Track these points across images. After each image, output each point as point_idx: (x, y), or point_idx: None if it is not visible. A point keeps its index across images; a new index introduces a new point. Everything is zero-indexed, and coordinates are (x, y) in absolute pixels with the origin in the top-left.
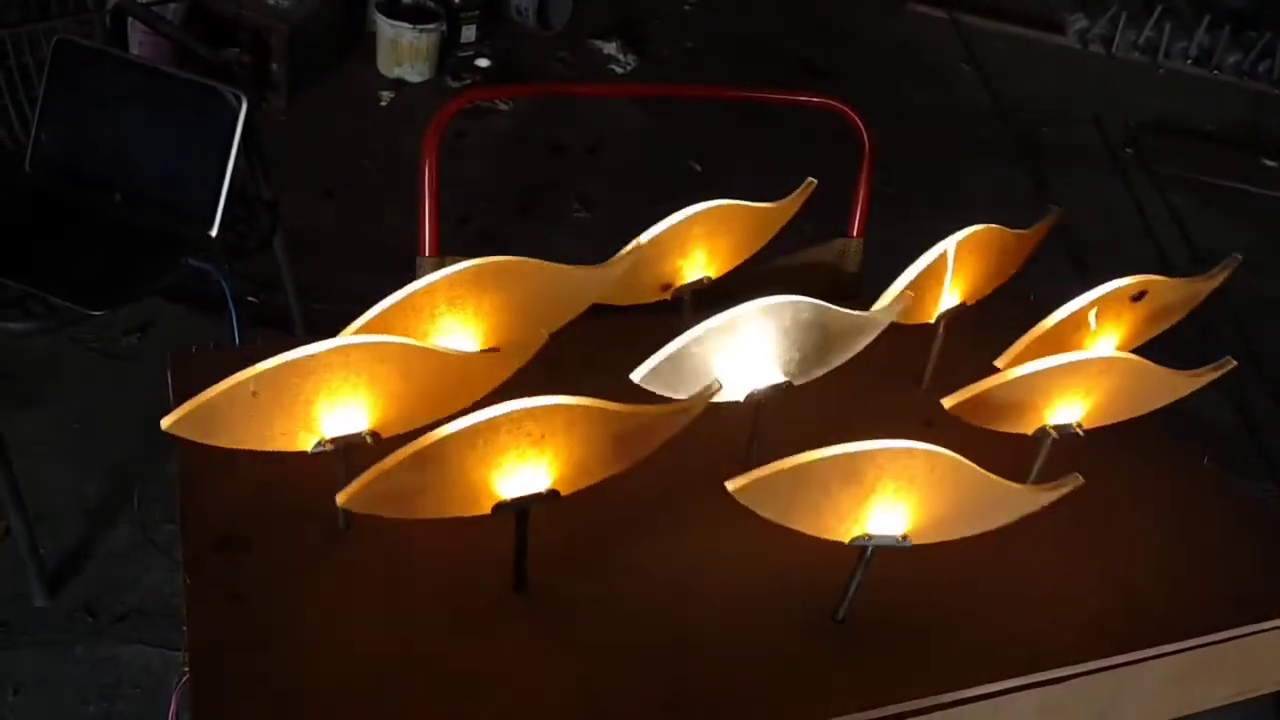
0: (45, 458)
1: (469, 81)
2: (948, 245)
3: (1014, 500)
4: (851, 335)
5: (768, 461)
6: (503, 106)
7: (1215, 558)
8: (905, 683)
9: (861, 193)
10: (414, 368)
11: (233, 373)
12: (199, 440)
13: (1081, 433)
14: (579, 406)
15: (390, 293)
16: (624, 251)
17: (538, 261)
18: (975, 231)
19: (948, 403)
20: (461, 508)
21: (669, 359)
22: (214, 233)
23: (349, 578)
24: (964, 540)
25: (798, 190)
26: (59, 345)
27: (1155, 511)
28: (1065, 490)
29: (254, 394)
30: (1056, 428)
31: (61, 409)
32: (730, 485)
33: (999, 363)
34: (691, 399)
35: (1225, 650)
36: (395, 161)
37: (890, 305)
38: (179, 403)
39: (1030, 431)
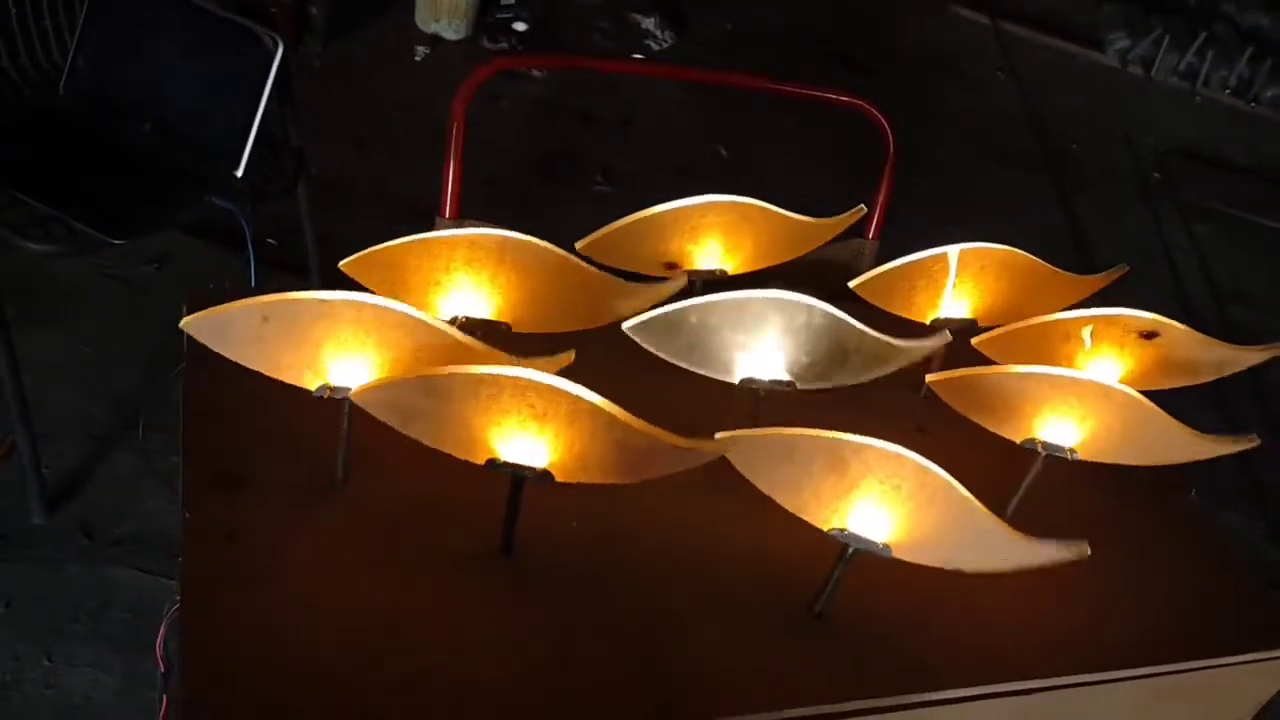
0: (55, 378)
1: (504, 44)
2: (950, 250)
3: (1007, 546)
4: (866, 356)
5: None
6: (536, 73)
7: (1188, 590)
8: (875, 680)
9: (882, 195)
10: (423, 340)
11: None
12: (210, 345)
13: (1073, 458)
14: (583, 401)
15: None
16: (620, 221)
17: (568, 256)
18: (991, 249)
19: (931, 379)
20: (456, 448)
21: (664, 317)
22: (239, 173)
23: (342, 527)
24: None
25: (846, 214)
26: (77, 268)
27: (1135, 539)
28: (1068, 557)
29: (265, 320)
30: (1045, 444)
31: (75, 331)
32: (719, 435)
33: (976, 341)
34: (706, 442)
35: (1189, 680)
36: (425, 117)
37: (925, 342)
38: (191, 342)
39: (1018, 440)
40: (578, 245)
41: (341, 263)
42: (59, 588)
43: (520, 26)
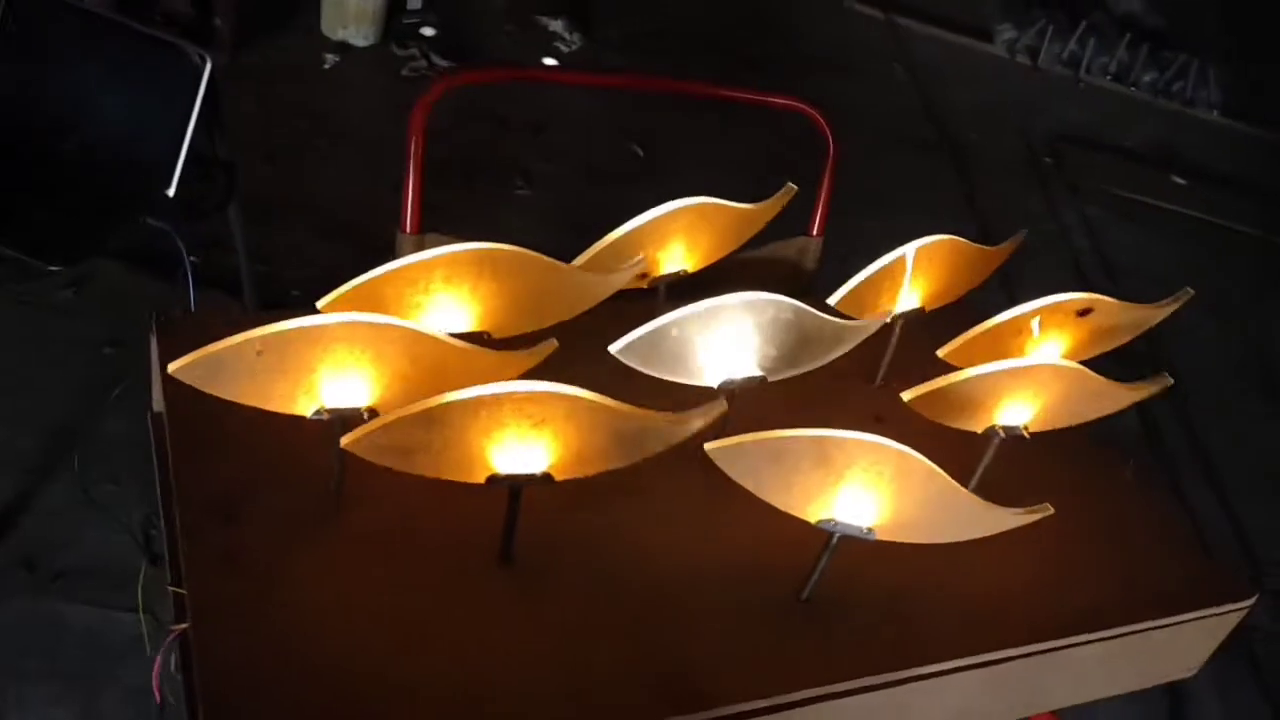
0: None
1: (413, 50)
2: (907, 250)
3: (982, 517)
4: (827, 340)
5: None
6: None
7: (1138, 556)
8: (863, 660)
9: (824, 194)
10: (419, 351)
11: (218, 336)
12: (202, 388)
13: (1027, 435)
14: (581, 399)
15: (339, 257)
16: (602, 242)
17: (538, 255)
18: (938, 241)
19: (907, 396)
20: (457, 473)
21: (647, 336)
22: (171, 192)
23: (342, 545)
24: None
25: (777, 195)
26: None
27: (1084, 514)
28: (1035, 518)
29: (259, 353)
30: (1005, 428)
31: None
32: (708, 446)
33: (941, 352)
34: (695, 413)
35: (1142, 640)
36: (339, 126)
37: (872, 317)
38: (164, 361)
39: (980, 430)
40: None
41: (319, 303)
42: (4, 626)
43: (428, 31)
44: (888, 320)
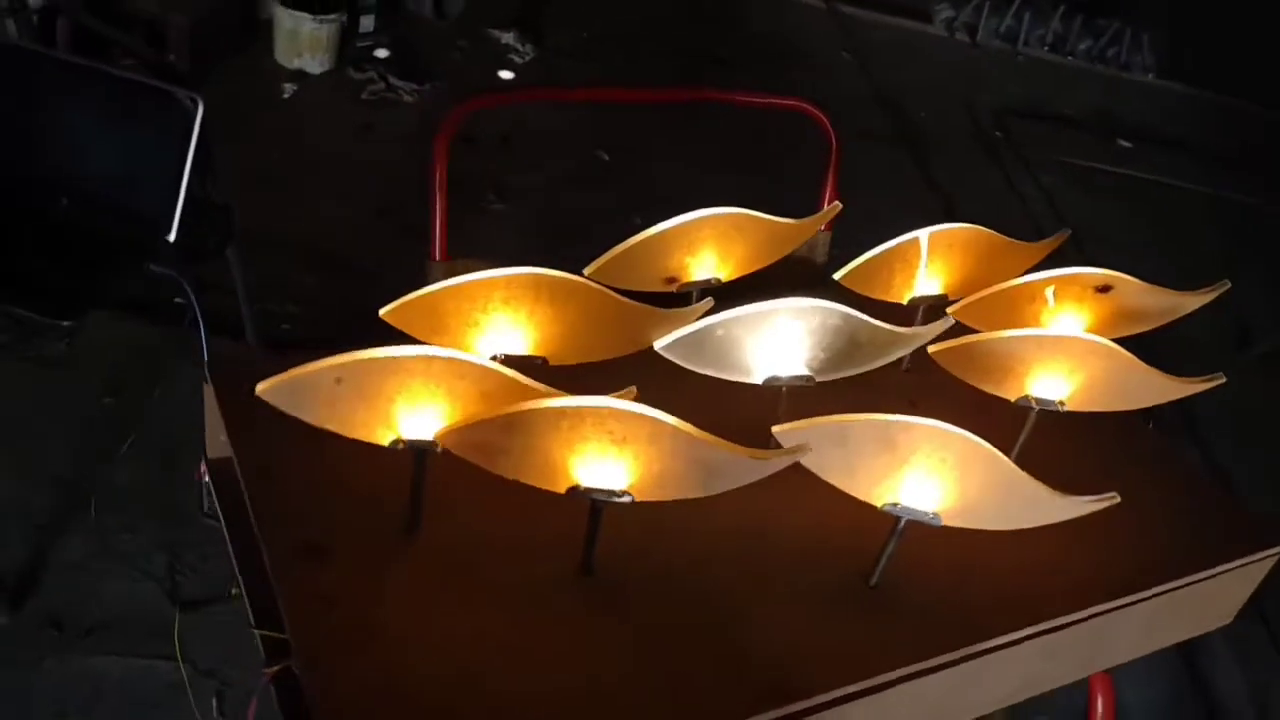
0: None
1: (371, 73)
2: (921, 235)
3: (1050, 505)
4: (880, 345)
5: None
6: (407, 98)
7: (1170, 516)
8: (936, 639)
9: (829, 189)
10: (491, 390)
11: (269, 376)
12: (287, 410)
13: (1063, 409)
14: (664, 424)
15: (325, 287)
16: (622, 246)
17: (597, 287)
18: (958, 228)
19: (933, 349)
20: (539, 479)
21: (693, 334)
22: (172, 238)
23: (426, 569)
24: None
25: (824, 211)
26: None
27: (1118, 476)
28: (1104, 506)
29: (338, 381)
30: (1038, 400)
31: None
32: (775, 429)
33: (951, 309)
34: (776, 453)
35: (1185, 595)
36: (308, 155)
37: (929, 327)
38: (227, 412)
39: (1013, 398)
40: (585, 271)
41: (382, 311)
42: (40, 686)
43: (382, 53)
44: (947, 327)
